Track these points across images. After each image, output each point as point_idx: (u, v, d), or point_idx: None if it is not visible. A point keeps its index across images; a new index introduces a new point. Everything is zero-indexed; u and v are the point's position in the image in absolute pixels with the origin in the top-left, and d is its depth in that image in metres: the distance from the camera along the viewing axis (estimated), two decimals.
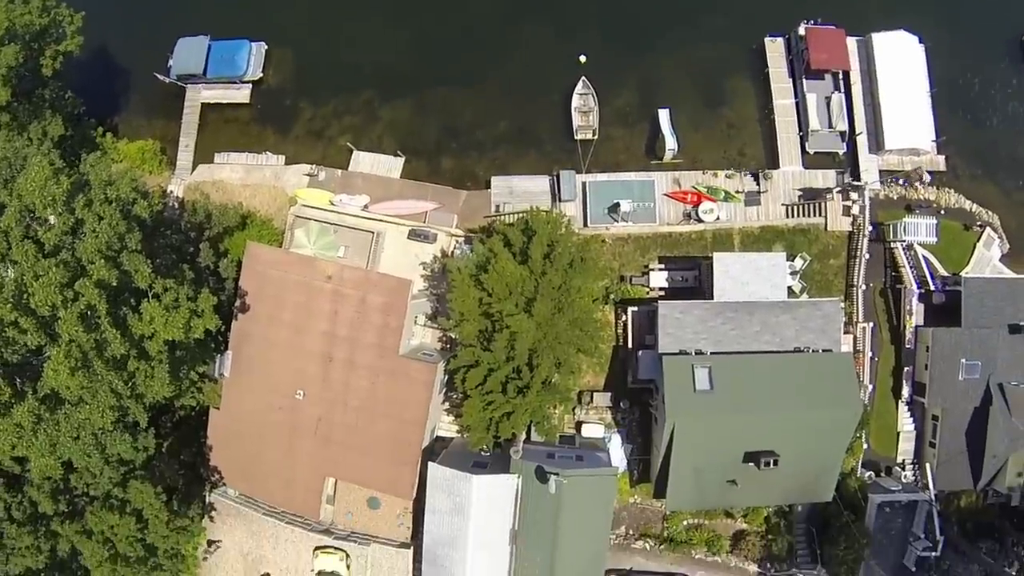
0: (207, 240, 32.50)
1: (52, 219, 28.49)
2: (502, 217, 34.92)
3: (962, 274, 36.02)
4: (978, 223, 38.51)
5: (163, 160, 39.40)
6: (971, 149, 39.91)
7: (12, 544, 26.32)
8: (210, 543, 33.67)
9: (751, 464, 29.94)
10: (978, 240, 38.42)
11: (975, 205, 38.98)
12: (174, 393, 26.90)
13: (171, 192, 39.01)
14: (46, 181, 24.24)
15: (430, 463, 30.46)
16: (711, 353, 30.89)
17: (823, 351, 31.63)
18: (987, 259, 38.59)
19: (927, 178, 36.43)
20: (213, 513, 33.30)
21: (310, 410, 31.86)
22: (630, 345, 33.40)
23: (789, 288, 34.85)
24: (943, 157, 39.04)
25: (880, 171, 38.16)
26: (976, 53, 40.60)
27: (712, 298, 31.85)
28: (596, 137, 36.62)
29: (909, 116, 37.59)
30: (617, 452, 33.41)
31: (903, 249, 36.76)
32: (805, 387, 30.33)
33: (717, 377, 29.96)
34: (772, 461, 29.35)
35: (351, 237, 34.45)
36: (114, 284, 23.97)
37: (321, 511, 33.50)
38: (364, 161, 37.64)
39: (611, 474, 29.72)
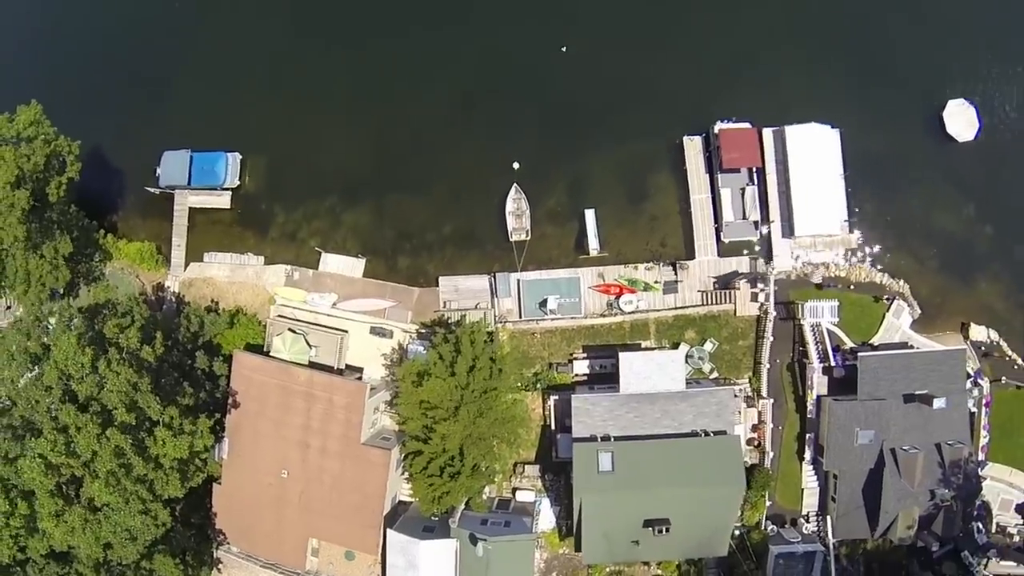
0: (201, 347, 44.91)
1: (52, 322, 41.56)
2: (448, 314, 46.43)
3: (859, 354, 45.82)
4: (886, 296, 48.29)
5: (159, 259, 51.75)
6: (885, 221, 49.68)
7: None
8: None
9: (650, 529, 41.58)
10: (887, 311, 48.27)
11: (886, 276, 48.89)
12: (186, 492, 40.15)
13: (168, 287, 51.69)
14: (74, 352, 36.94)
15: (389, 530, 43.22)
16: (615, 438, 42.36)
17: (717, 433, 42.56)
18: (896, 327, 48.61)
19: (818, 277, 46.34)
20: (220, 566, 46.97)
21: (294, 486, 44.84)
22: (553, 427, 45.03)
23: (699, 369, 45.80)
24: (855, 235, 48.85)
25: (793, 254, 48.12)
26: (894, 129, 49.83)
27: (619, 390, 43.00)
28: (529, 237, 47.52)
29: (820, 204, 47.31)
30: (547, 513, 45.75)
31: (810, 327, 46.87)
32: (696, 467, 41.65)
33: (619, 459, 41.49)
34: (664, 528, 41.06)
35: (321, 338, 46.55)
36: (133, 424, 36.83)
37: (307, 563, 46.82)
38: (331, 262, 49.51)
39: (529, 540, 42.04)
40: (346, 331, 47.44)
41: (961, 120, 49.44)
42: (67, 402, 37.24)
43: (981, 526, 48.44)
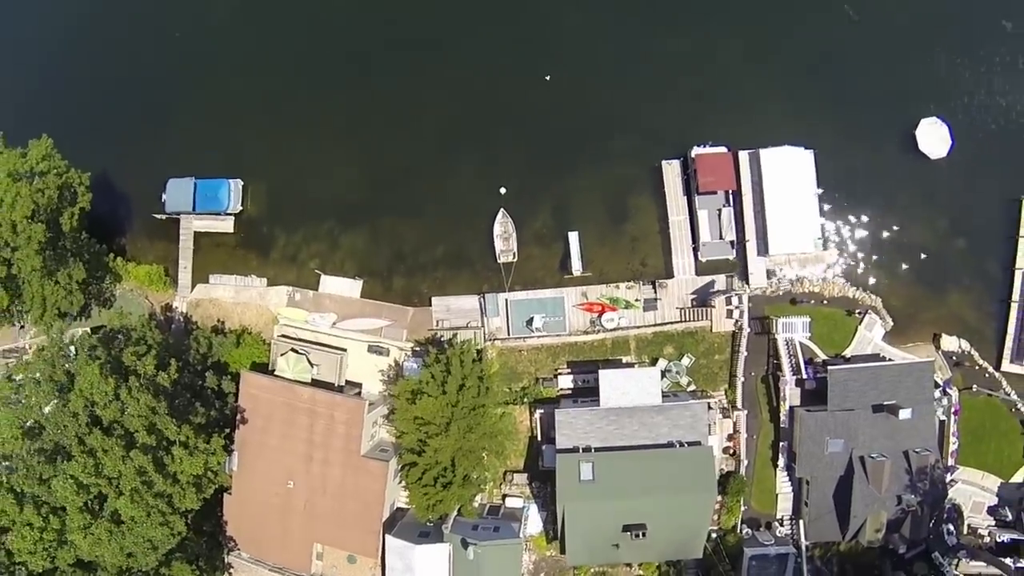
0: (210, 367, 50.73)
1: (72, 350, 47.57)
2: (440, 332, 52.05)
3: (829, 367, 50.96)
4: (858, 310, 53.34)
5: (167, 281, 57.47)
6: (858, 237, 54.75)
7: None
8: None
9: (628, 533, 47.25)
10: (860, 324, 53.36)
11: (859, 291, 53.87)
12: (201, 504, 46.26)
13: (176, 307, 57.52)
14: (98, 381, 42.86)
15: (387, 535, 49.15)
16: (596, 449, 47.92)
17: (691, 444, 48.04)
18: (868, 340, 53.72)
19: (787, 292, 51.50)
20: (231, 570, 53.11)
21: (299, 495, 50.84)
22: (539, 438, 50.71)
23: (677, 382, 51.26)
24: (828, 252, 53.89)
25: (768, 271, 53.26)
26: (867, 148, 54.62)
27: (599, 404, 48.53)
28: (516, 259, 52.95)
29: (794, 223, 52.25)
30: (535, 518, 51.61)
31: (784, 342, 52.05)
32: (671, 476, 47.21)
33: (599, 469, 47.11)
34: (641, 533, 46.75)
35: (322, 357, 52.28)
36: (153, 445, 42.84)
37: (312, 566, 52.90)
38: (330, 283, 55.17)
39: (516, 544, 47.83)
40: (345, 350, 53.16)
41: (934, 137, 54.07)
42: (93, 427, 43.29)
43: (952, 528, 53.78)
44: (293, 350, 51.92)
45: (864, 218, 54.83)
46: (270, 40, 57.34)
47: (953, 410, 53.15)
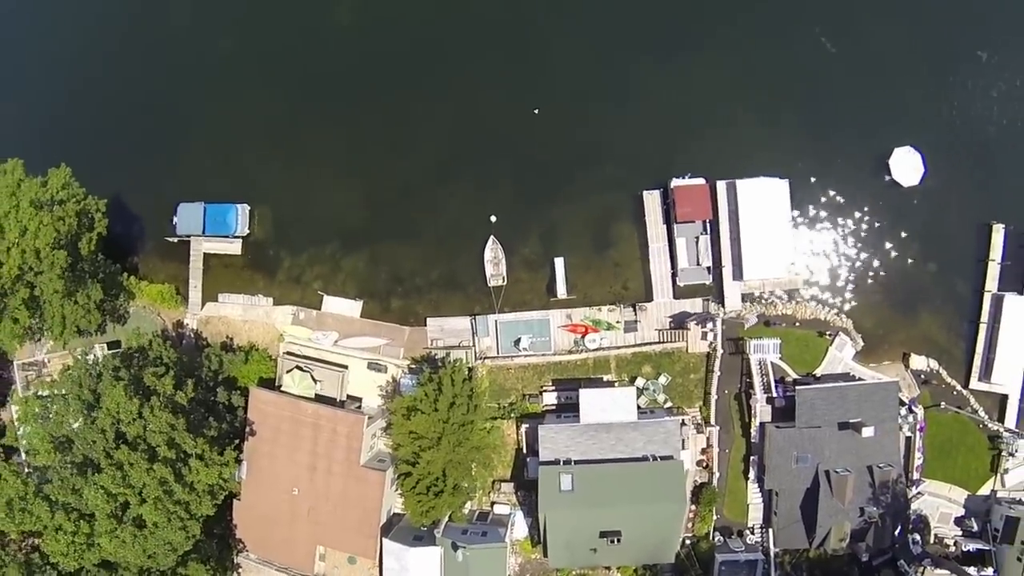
0: (221, 383, 58.33)
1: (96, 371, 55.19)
2: (435, 351, 59.37)
3: (797, 387, 57.79)
4: (829, 332, 60.00)
5: (178, 299, 64.96)
6: (831, 262, 61.13)
7: None
8: None
9: (605, 539, 54.56)
10: (831, 345, 60.04)
11: (830, 313, 60.48)
12: (215, 510, 54.13)
13: (187, 324, 65.13)
14: (124, 401, 50.48)
15: (385, 538, 56.78)
16: (576, 462, 55.11)
17: (664, 458, 55.14)
18: (838, 359, 60.41)
19: (754, 319, 58.17)
20: (240, 570, 61.02)
21: (303, 502, 58.48)
22: (524, 451, 58.00)
23: (654, 399, 58.33)
24: (801, 277, 60.44)
25: (742, 295, 60.02)
26: (842, 176, 61.03)
27: (579, 421, 55.71)
28: (505, 283, 60.00)
29: (767, 250, 58.85)
30: (521, 524, 58.97)
31: (756, 362, 58.87)
32: (645, 487, 54.32)
33: (578, 480, 54.32)
34: (616, 539, 54.00)
35: (325, 374, 59.73)
36: (173, 458, 50.63)
37: (316, 567, 60.70)
38: (332, 304, 62.50)
39: (502, 547, 55.23)
40: (346, 366, 60.62)
41: (907, 166, 60.31)
42: (119, 442, 51.06)
43: (918, 537, 60.60)
44: (298, 367, 59.37)
45: (837, 243, 61.30)
46: (273, 73, 64.24)
47: (919, 427, 59.72)
